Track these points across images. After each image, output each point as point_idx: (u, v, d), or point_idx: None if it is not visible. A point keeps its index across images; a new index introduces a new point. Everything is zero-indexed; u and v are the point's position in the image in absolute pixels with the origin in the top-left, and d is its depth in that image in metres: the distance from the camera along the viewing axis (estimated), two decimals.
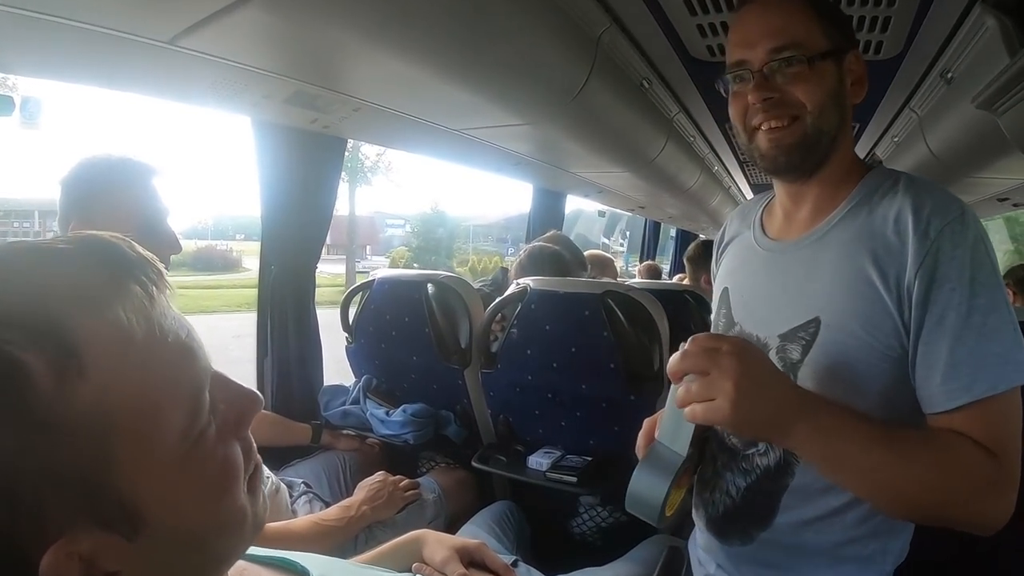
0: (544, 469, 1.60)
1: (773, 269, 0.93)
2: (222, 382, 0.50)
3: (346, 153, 2.14)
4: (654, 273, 5.22)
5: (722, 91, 0.92)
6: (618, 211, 5.99)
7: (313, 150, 1.94)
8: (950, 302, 0.75)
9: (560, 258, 2.08)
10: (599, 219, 10.66)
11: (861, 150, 3.14)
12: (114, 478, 0.41)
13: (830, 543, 0.88)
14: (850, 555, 0.88)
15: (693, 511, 1.07)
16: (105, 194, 1.16)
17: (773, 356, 0.87)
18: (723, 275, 1.04)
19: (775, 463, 0.90)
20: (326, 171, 2.03)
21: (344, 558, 0.96)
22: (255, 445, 0.53)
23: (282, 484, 1.55)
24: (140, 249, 0.46)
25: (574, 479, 1.54)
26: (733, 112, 0.90)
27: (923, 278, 0.76)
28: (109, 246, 0.45)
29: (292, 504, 1.56)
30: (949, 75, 1.65)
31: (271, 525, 1.26)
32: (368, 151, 21.30)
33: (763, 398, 0.70)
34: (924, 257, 0.76)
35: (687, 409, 0.71)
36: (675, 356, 0.72)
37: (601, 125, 2.06)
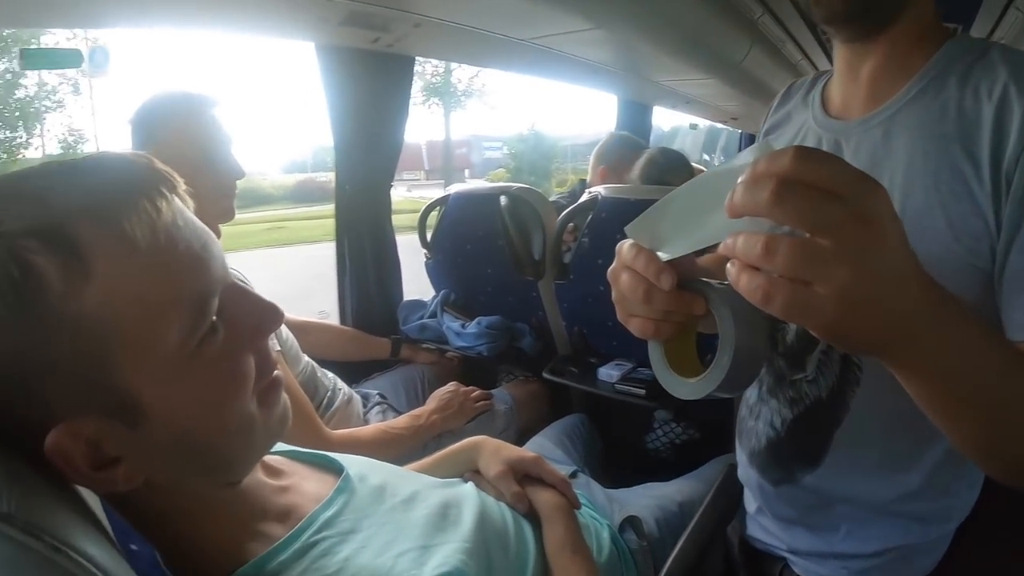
0: (614, 381, 1.57)
1: None
2: (240, 294, 0.51)
3: (438, 77, 2.11)
4: None
5: None
6: (719, 126, 5.66)
7: (380, 70, 1.91)
8: None
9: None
10: (694, 133, 10.18)
11: None
12: (114, 374, 0.44)
13: (886, 497, 0.75)
14: (908, 512, 0.76)
15: (737, 443, 0.93)
16: (168, 128, 1.21)
17: None
18: None
19: (827, 393, 0.75)
20: (395, 89, 2.00)
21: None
22: (273, 358, 0.54)
23: (355, 394, 1.59)
24: (158, 165, 0.49)
25: (643, 391, 1.50)
26: None
27: None
28: (123, 163, 0.48)
29: (365, 414, 1.60)
30: None
31: (339, 432, 1.30)
32: (460, 75, 20.69)
33: (882, 309, 0.40)
34: None
35: (757, 288, 0.39)
36: (755, 178, 0.38)
37: (675, 26, 1.89)
